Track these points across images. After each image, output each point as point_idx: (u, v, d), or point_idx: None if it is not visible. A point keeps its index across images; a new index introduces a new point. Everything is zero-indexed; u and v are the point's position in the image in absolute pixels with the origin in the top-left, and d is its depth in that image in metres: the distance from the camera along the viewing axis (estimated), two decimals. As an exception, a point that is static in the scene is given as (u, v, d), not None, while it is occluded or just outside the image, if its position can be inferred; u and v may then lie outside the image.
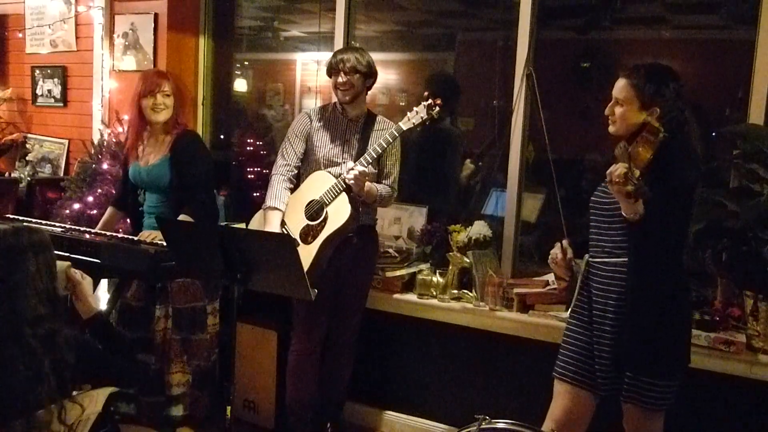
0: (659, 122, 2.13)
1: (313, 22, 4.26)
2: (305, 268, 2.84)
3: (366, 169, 2.89)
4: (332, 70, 3.06)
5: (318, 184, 3.02)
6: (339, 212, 2.94)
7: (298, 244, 2.93)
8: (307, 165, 3.14)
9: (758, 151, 2.74)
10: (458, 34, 4.07)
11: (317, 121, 3.13)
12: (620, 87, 2.28)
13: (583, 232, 2.46)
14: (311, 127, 3.12)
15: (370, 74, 3.07)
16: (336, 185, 2.95)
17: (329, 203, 2.96)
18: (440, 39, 4.20)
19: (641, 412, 2.25)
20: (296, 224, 3.00)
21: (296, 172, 3.14)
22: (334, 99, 3.14)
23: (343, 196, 2.94)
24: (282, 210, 3.04)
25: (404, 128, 2.95)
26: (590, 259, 2.36)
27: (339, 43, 3.84)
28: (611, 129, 2.31)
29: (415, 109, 2.96)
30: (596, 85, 3.43)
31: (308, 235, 2.97)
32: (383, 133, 3.10)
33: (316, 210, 2.98)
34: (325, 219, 2.95)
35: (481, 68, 3.94)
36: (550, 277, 3.19)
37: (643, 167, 2.02)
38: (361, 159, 2.94)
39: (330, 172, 3.02)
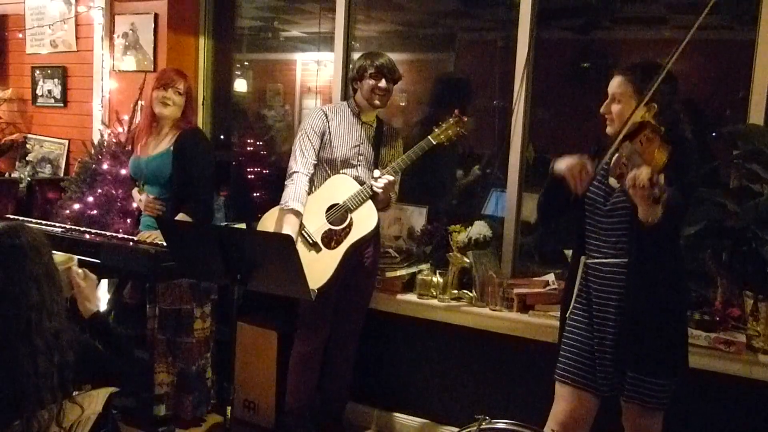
0: (657, 119, 2.13)
1: (313, 22, 4.26)
2: (329, 274, 2.87)
3: (395, 179, 2.94)
4: (375, 73, 3.01)
5: (340, 188, 3.00)
6: (366, 219, 2.95)
7: (320, 249, 2.92)
8: (320, 164, 3.09)
9: (758, 151, 2.74)
10: (458, 34, 4.07)
11: (334, 121, 3.09)
12: (617, 84, 2.25)
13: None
14: (328, 126, 3.08)
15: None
16: (362, 191, 2.95)
17: (354, 209, 2.95)
18: (440, 39, 4.19)
19: (643, 411, 2.25)
20: (317, 227, 2.97)
21: (314, 170, 3.09)
22: (340, 100, 3.14)
23: (370, 204, 2.95)
24: (302, 213, 2.98)
25: (434, 142, 3.01)
26: (587, 261, 2.33)
27: (339, 43, 3.84)
28: (609, 129, 2.28)
29: (443, 124, 3.02)
30: (596, 85, 3.43)
31: (331, 240, 2.95)
32: (392, 141, 3.14)
33: (340, 215, 2.97)
34: (350, 225, 2.94)
35: (481, 68, 3.94)
36: (550, 277, 3.19)
37: (660, 170, 1.94)
38: (389, 168, 2.96)
39: (350, 176, 3.03)
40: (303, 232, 2.98)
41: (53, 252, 2.01)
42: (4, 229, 1.89)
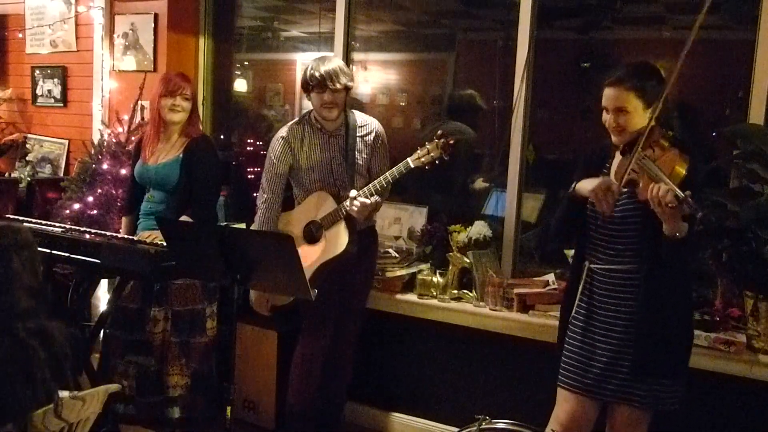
0: (659, 120, 2.12)
1: (313, 22, 4.27)
2: None
3: (368, 201, 2.84)
4: (317, 86, 2.88)
5: (318, 205, 2.98)
6: (337, 239, 2.91)
7: None
8: (298, 183, 3.09)
9: (758, 151, 2.74)
10: (458, 34, 4.07)
11: (297, 143, 3.03)
12: (618, 96, 2.18)
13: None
14: (292, 151, 3.03)
15: (352, 84, 3.00)
16: (336, 212, 2.91)
17: (328, 228, 2.93)
18: (440, 39, 4.20)
19: (643, 415, 2.26)
20: None
21: (281, 200, 3.09)
22: (308, 108, 3.10)
23: (342, 224, 2.91)
24: None
25: (412, 166, 2.82)
26: (592, 266, 2.32)
27: (339, 43, 3.84)
28: (618, 139, 2.23)
29: (427, 146, 2.81)
30: (596, 85, 3.43)
31: (305, 258, 2.94)
32: (366, 136, 3.07)
33: (314, 233, 2.96)
34: (323, 243, 2.93)
35: (481, 68, 3.94)
36: (550, 277, 3.19)
37: (680, 183, 1.90)
38: (365, 190, 2.87)
39: (329, 193, 2.98)
40: None
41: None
42: None
